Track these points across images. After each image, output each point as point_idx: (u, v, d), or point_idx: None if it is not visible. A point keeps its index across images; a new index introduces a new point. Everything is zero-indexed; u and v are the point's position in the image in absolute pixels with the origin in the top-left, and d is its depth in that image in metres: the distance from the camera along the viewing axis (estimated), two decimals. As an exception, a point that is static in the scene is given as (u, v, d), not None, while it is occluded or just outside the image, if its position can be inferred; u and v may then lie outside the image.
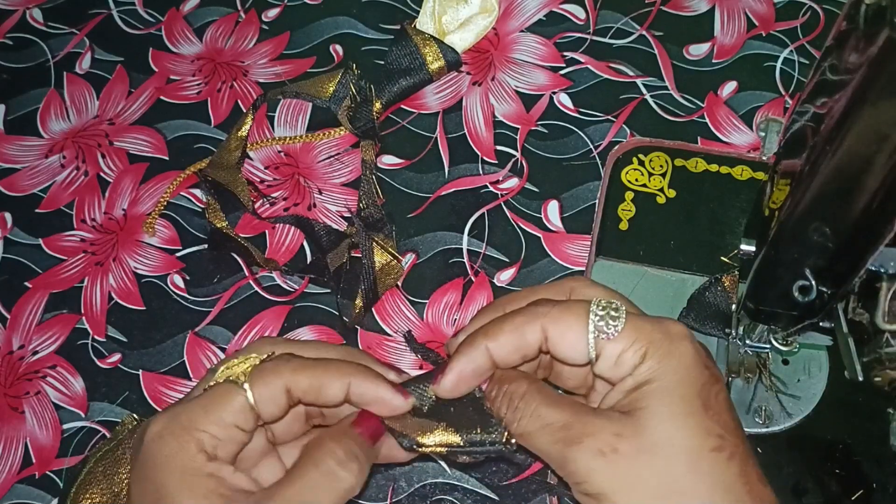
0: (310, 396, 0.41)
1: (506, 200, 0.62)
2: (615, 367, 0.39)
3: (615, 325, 0.39)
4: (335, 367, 0.41)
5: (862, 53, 0.32)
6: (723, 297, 0.55)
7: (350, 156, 0.64)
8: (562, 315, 0.40)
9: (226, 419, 0.39)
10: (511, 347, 0.41)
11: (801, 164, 0.38)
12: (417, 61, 0.66)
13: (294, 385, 0.40)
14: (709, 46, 0.67)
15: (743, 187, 0.60)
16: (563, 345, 0.40)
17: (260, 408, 0.40)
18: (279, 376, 0.40)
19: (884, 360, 0.44)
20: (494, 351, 0.41)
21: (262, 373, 0.40)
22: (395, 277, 0.59)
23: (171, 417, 0.40)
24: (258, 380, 0.40)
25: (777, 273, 0.42)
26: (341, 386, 0.41)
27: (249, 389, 0.40)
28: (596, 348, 0.39)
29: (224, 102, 0.67)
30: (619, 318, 0.40)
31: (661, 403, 0.38)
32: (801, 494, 0.52)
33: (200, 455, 0.38)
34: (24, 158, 0.66)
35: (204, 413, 0.39)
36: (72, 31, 0.71)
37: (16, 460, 0.55)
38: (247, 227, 0.62)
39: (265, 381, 0.40)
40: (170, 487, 0.38)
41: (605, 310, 0.40)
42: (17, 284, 0.61)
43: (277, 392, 0.40)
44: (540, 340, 0.40)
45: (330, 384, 0.41)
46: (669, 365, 0.38)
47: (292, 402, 0.41)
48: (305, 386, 0.40)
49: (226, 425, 0.39)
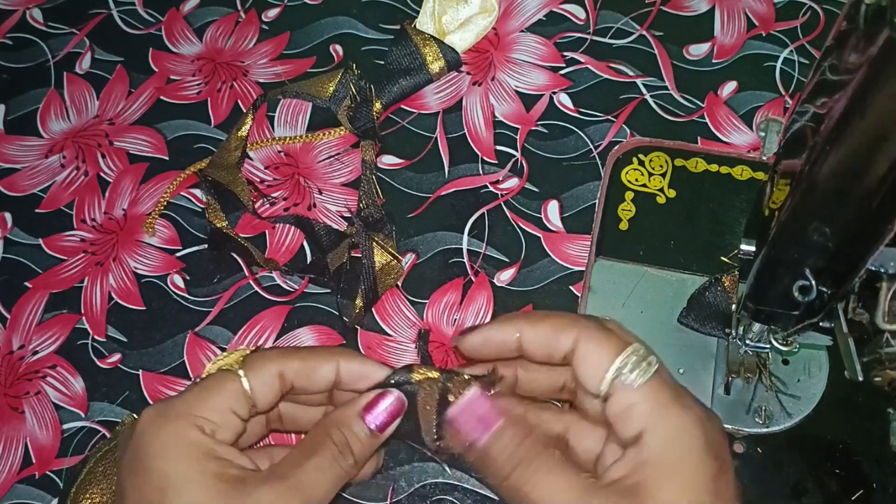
0: (302, 379, 0.41)
1: (506, 200, 0.62)
2: (622, 418, 0.38)
3: (639, 375, 0.38)
4: (323, 350, 0.43)
5: (862, 53, 0.32)
6: (723, 297, 0.55)
7: (350, 156, 0.64)
8: (599, 337, 0.39)
9: (222, 404, 0.39)
10: (543, 340, 0.40)
11: (801, 164, 0.38)
12: (417, 61, 0.66)
13: (286, 368, 0.41)
14: (709, 46, 0.67)
15: (743, 187, 0.60)
16: (584, 363, 0.39)
17: (255, 393, 0.40)
18: (271, 361, 0.41)
19: (884, 360, 0.44)
20: (527, 335, 0.41)
21: (255, 360, 0.41)
22: (395, 277, 0.59)
23: (163, 408, 0.39)
24: (252, 366, 0.40)
25: (777, 273, 0.42)
26: (331, 367, 0.41)
27: (244, 376, 0.40)
28: (611, 387, 0.38)
29: (224, 102, 0.67)
30: (646, 372, 0.38)
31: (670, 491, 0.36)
32: (801, 494, 0.52)
33: (204, 437, 0.38)
34: (24, 158, 0.66)
35: (199, 400, 0.39)
36: (72, 31, 0.71)
37: (16, 460, 0.55)
38: (247, 227, 0.62)
39: (259, 366, 0.40)
40: (173, 475, 0.37)
41: (640, 359, 0.39)
42: (17, 284, 0.61)
43: (271, 377, 0.40)
44: (569, 349, 0.40)
45: (320, 366, 0.41)
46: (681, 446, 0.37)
47: (285, 387, 0.41)
48: (297, 368, 0.41)
49: (222, 410, 0.39)
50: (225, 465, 0.38)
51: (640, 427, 0.38)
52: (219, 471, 0.37)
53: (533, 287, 0.59)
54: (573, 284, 0.59)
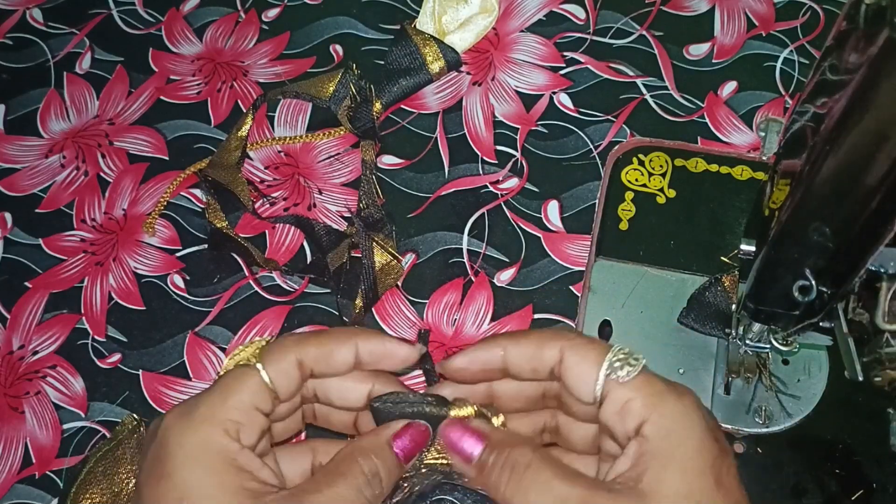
0: (321, 365, 0.41)
1: (506, 200, 0.62)
2: (620, 415, 0.38)
3: (630, 370, 0.38)
4: (339, 332, 0.42)
5: (862, 53, 0.32)
6: (723, 297, 0.55)
7: (350, 156, 0.64)
8: (583, 345, 0.39)
9: (245, 402, 0.38)
10: (527, 357, 0.40)
11: (801, 164, 0.37)
12: (417, 61, 0.66)
13: (304, 355, 0.40)
14: (709, 46, 0.67)
15: (743, 187, 0.60)
16: (574, 373, 0.39)
17: (276, 384, 0.39)
18: (288, 350, 0.40)
19: (884, 360, 0.44)
20: (510, 353, 0.40)
21: (271, 351, 0.40)
22: (395, 277, 0.59)
23: (186, 410, 0.38)
24: (269, 357, 0.40)
25: (777, 273, 0.42)
26: (349, 349, 0.41)
27: (262, 368, 0.39)
28: (605, 387, 0.38)
29: (224, 102, 0.67)
30: (635, 367, 0.38)
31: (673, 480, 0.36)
32: (801, 494, 0.52)
33: (230, 442, 0.37)
34: (24, 158, 0.66)
35: (222, 400, 0.38)
36: (72, 31, 0.71)
37: (16, 460, 0.55)
38: (247, 227, 0.62)
39: (276, 357, 0.40)
40: (194, 486, 0.36)
41: (626, 356, 0.39)
42: (17, 284, 0.61)
43: (289, 366, 0.40)
44: (555, 362, 0.40)
45: (338, 349, 0.41)
46: (680, 433, 0.37)
47: (304, 374, 0.41)
48: (315, 354, 0.40)
49: (246, 409, 0.38)
50: (246, 478, 0.37)
51: (638, 420, 0.37)
52: (239, 485, 0.37)
53: (533, 287, 0.59)
54: (573, 284, 0.59)
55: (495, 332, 0.58)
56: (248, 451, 0.38)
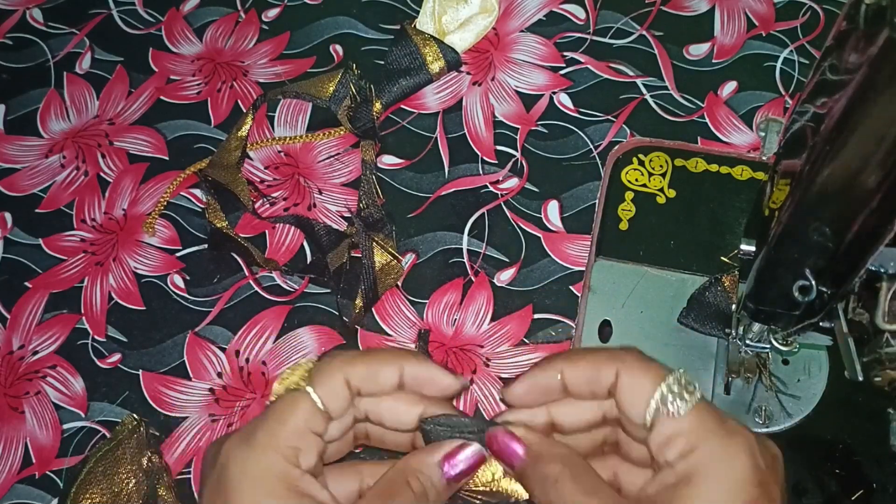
0: (367, 384, 0.41)
1: (506, 200, 0.62)
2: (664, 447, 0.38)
3: (682, 404, 0.37)
4: (387, 352, 0.42)
5: (862, 53, 0.32)
6: (723, 297, 0.55)
7: (350, 156, 0.64)
8: (639, 369, 0.39)
9: (301, 426, 0.39)
10: (585, 378, 0.40)
11: (801, 164, 0.37)
12: (417, 61, 0.66)
13: (351, 375, 0.40)
14: (709, 46, 0.67)
15: (743, 187, 0.60)
16: (626, 395, 0.39)
17: (327, 404, 0.40)
18: (336, 370, 0.40)
19: (884, 360, 0.44)
20: (568, 374, 0.40)
21: (319, 371, 0.40)
22: (395, 277, 0.59)
23: (245, 437, 0.39)
24: (317, 379, 0.40)
25: (777, 273, 0.42)
26: (395, 369, 0.41)
27: (313, 391, 0.40)
28: (654, 416, 0.38)
29: (224, 102, 0.67)
30: (689, 400, 0.38)
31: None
32: (801, 494, 0.52)
33: (290, 468, 0.38)
34: (24, 158, 0.66)
35: (279, 426, 0.39)
36: (72, 31, 0.71)
37: (16, 460, 0.55)
38: (247, 227, 0.62)
39: (324, 378, 0.40)
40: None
41: (682, 386, 0.38)
42: (17, 284, 0.61)
43: (338, 385, 0.40)
44: (611, 383, 0.39)
45: (383, 369, 0.41)
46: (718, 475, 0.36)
47: (353, 393, 0.41)
48: (362, 373, 0.40)
49: (302, 433, 0.39)
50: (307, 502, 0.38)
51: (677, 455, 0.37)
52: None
53: (533, 287, 0.59)
54: (573, 284, 0.59)
55: (495, 331, 0.58)
56: (308, 475, 0.38)
